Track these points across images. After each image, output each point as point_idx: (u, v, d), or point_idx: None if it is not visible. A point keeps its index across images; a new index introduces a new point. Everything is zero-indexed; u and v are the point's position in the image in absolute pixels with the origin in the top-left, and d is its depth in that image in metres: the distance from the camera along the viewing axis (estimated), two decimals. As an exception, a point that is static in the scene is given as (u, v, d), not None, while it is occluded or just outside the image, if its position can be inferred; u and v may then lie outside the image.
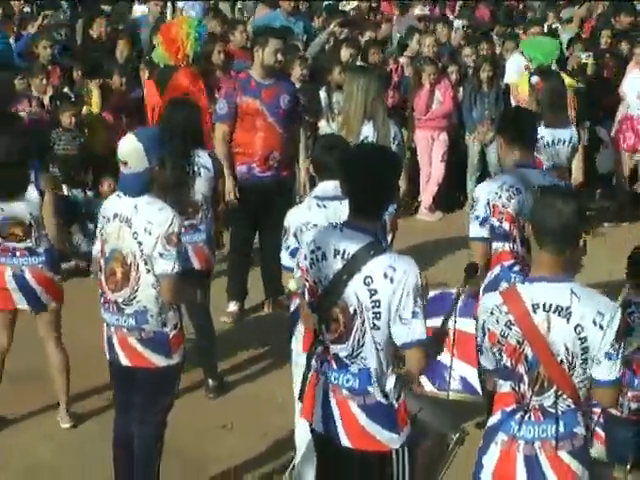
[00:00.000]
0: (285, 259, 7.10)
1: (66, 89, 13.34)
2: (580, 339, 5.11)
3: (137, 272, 6.74)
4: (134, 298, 6.79)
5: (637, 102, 13.98)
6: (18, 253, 8.22)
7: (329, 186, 7.05)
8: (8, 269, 8.22)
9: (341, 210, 6.55)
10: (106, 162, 6.69)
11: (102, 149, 11.48)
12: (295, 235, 6.99)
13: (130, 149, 6.71)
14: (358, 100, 9.67)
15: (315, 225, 6.70)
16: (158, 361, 6.89)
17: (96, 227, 7.46)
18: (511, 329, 5.22)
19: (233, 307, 10.85)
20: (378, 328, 5.46)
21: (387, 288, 5.41)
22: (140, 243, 6.68)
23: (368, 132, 9.43)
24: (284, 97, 10.83)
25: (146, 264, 6.71)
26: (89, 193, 12.00)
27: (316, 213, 6.93)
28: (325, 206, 6.96)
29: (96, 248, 7.09)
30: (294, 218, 7.12)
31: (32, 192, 8.13)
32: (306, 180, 11.02)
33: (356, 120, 9.62)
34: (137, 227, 6.68)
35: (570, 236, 5.18)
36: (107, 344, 7.03)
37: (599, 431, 6.69)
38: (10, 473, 7.97)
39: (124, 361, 6.95)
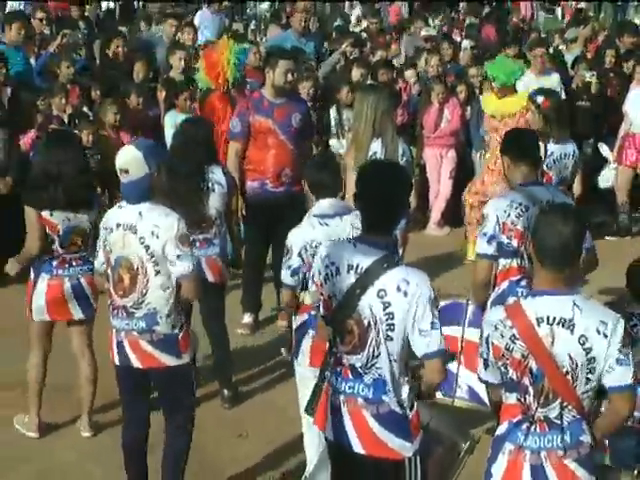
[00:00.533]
0: (286, 278, 7.21)
1: (85, 108, 13.37)
2: (585, 349, 5.15)
3: (145, 276, 6.82)
4: (143, 302, 6.86)
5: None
6: (74, 262, 8.31)
7: (326, 204, 7.19)
8: (66, 280, 8.29)
9: (342, 226, 6.77)
10: (118, 179, 6.81)
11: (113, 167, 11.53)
12: (300, 254, 7.08)
13: (129, 157, 6.81)
14: (367, 117, 9.73)
15: (320, 243, 6.76)
16: (169, 361, 6.98)
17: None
18: (515, 343, 5.25)
19: (248, 319, 10.85)
20: (392, 339, 5.51)
21: (401, 301, 5.46)
22: (147, 247, 6.76)
23: (377, 148, 9.50)
24: (295, 115, 10.85)
25: (155, 265, 6.78)
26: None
27: (319, 231, 7.01)
28: (327, 224, 7.05)
29: (99, 261, 7.14)
30: (297, 238, 7.19)
31: (91, 204, 8.26)
32: None
33: (365, 137, 9.70)
34: (143, 232, 6.76)
35: (569, 256, 5.25)
36: (117, 348, 7.05)
37: (603, 440, 6.71)
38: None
39: (135, 363, 7.00)
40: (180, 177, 8.54)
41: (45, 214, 8.11)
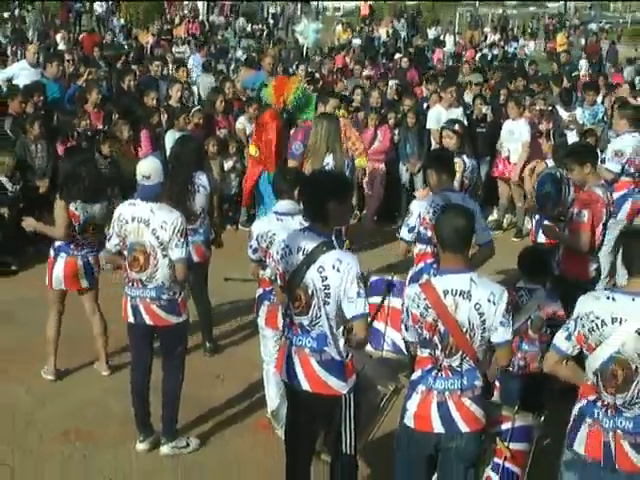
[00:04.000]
0: (250, 255, 7.31)
1: (106, 127, 13.30)
2: (479, 314, 5.24)
3: (155, 258, 6.97)
4: (154, 277, 7.02)
5: (505, 144, 14.00)
6: (85, 245, 8.36)
7: (284, 204, 7.25)
8: (79, 259, 8.36)
9: (292, 223, 6.81)
10: (130, 182, 6.97)
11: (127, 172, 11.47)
12: (257, 239, 7.18)
13: (154, 166, 6.93)
14: (322, 137, 9.73)
15: (274, 234, 6.86)
16: (173, 319, 7.15)
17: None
18: (428, 311, 5.33)
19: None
20: (329, 304, 5.57)
21: (335, 275, 5.53)
22: (158, 237, 6.90)
23: (329, 161, 9.48)
24: None
25: (163, 251, 6.92)
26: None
27: (274, 224, 7.04)
28: (282, 220, 7.08)
29: (112, 243, 7.17)
30: (257, 227, 7.33)
31: (103, 200, 8.32)
32: None
33: (320, 152, 9.72)
34: (155, 226, 6.90)
35: (461, 243, 5.36)
36: (132, 310, 7.16)
37: (496, 383, 6.74)
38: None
39: (149, 321, 7.14)
40: (175, 182, 8.48)
41: (72, 207, 8.16)
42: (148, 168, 6.92)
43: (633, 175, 10.39)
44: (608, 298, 5.01)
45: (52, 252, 8.41)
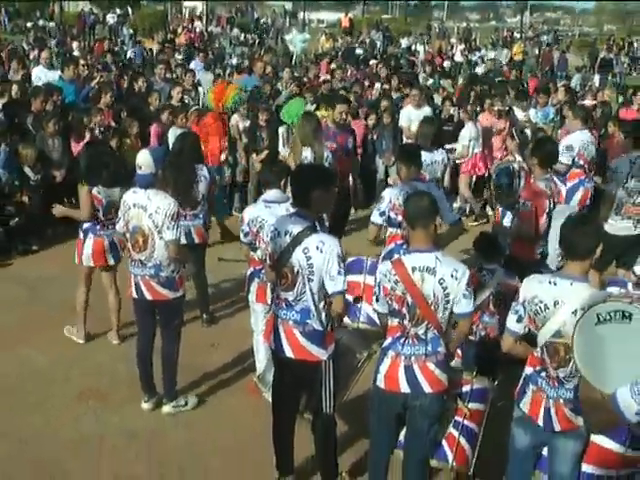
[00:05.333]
0: (242, 238, 7.26)
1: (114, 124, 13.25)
2: (443, 288, 5.27)
3: (153, 240, 6.97)
4: (152, 256, 7.03)
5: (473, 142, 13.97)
6: (110, 226, 8.28)
7: (272, 193, 7.22)
8: (105, 238, 8.36)
9: (279, 210, 6.78)
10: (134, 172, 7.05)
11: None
12: (248, 224, 7.13)
13: (144, 159, 6.97)
14: (300, 134, 9.72)
15: (263, 219, 6.87)
16: (170, 295, 7.16)
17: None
18: (397, 285, 5.35)
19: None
20: (313, 281, 5.59)
21: (318, 256, 5.53)
22: (154, 221, 6.90)
23: (307, 154, 9.47)
24: (350, 140, 11.15)
25: (159, 233, 6.92)
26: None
27: (264, 211, 7.01)
28: (270, 207, 7.05)
29: (120, 225, 7.21)
30: (248, 213, 7.26)
31: (123, 185, 8.25)
32: None
33: (297, 147, 9.72)
34: (151, 211, 6.92)
35: (426, 219, 5.37)
36: (135, 287, 7.19)
37: (458, 351, 6.75)
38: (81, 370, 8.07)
39: (148, 297, 7.14)
40: (181, 172, 8.55)
41: (94, 191, 8.20)
42: (140, 159, 6.98)
43: (583, 167, 10.43)
44: (550, 282, 5.02)
45: (81, 234, 8.39)
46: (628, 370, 3.49)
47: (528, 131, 14.14)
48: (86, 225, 8.35)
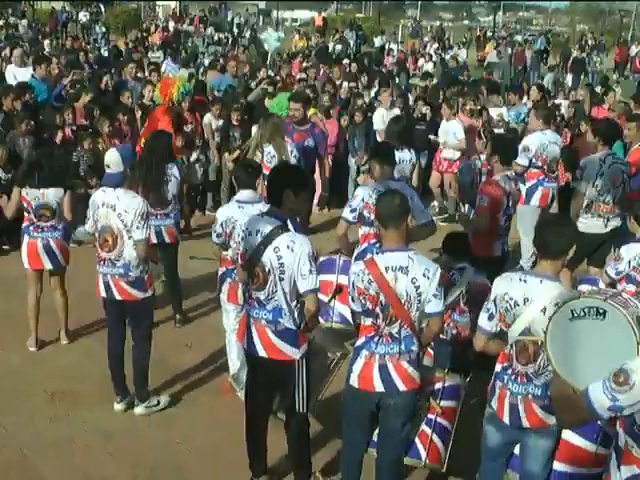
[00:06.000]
0: (214, 238, 7.22)
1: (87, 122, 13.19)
2: (415, 287, 5.26)
3: (122, 239, 6.93)
4: (121, 256, 6.99)
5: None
6: (45, 229, 8.23)
7: (245, 193, 7.21)
8: (39, 241, 8.24)
9: (252, 210, 6.71)
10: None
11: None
12: (222, 225, 7.09)
13: (112, 157, 6.91)
14: (263, 131, 9.87)
15: (236, 220, 6.80)
16: (139, 295, 7.11)
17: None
18: (371, 284, 5.33)
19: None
20: (284, 280, 5.57)
21: (289, 255, 5.52)
22: (123, 221, 6.87)
23: (269, 150, 9.78)
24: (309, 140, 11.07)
25: (128, 232, 6.89)
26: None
27: (236, 211, 6.97)
28: (243, 207, 7.01)
29: (89, 225, 7.14)
30: (221, 213, 7.21)
31: (59, 187, 8.15)
32: None
33: (262, 143, 10.02)
34: (120, 210, 6.88)
35: (398, 218, 5.36)
36: (104, 287, 7.14)
37: (429, 350, 6.78)
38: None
39: (118, 297, 7.10)
40: (151, 172, 8.63)
41: (23, 192, 8.18)
42: (108, 158, 6.94)
43: (541, 167, 10.50)
44: (520, 280, 5.06)
45: (22, 236, 8.40)
46: (601, 366, 3.51)
47: (501, 130, 14.21)
48: (23, 226, 8.33)
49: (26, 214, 8.28)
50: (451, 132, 13.67)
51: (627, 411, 3.46)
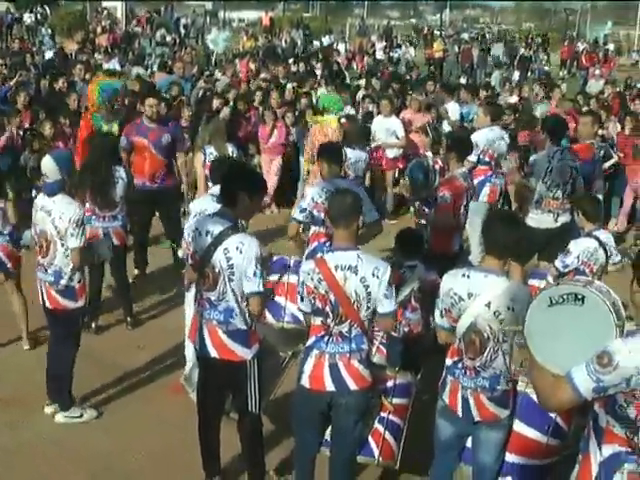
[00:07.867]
0: (185, 236, 7.08)
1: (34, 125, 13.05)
2: (365, 286, 5.24)
3: (55, 246, 6.84)
4: (52, 263, 6.90)
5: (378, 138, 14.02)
6: None
7: (218, 188, 7.10)
8: None
9: None
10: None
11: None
12: (195, 216, 6.89)
13: (48, 167, 6.83)
14: (206, 132, 10.16)
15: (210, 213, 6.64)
16: (69, 304, 6.98)
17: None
18: (321, 283, 5.32)
19: (137, 272, 10.63)
20: (234, 281, 5.57)
21: (238, 256, 5.52)
22: (56, 227, 6.78)
23: (210, 151, 9.73)
24: (166, 136, 10.61)
25: (61, 240, 6.80)
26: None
27: (210, 204, 6.80)
28: (217, 200, 6.91)
29: (33, 229, 7.08)
30: (196, 206, 7.15)
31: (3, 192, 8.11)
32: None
33: (204, 142, 10.13)
34: (54, 216, 6.78)
35: (349, 218, 5.36)
36: (40, 293, 7.07)
37: (382, 347, 6.79)
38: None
39: (48, 305, 7.04)
40: (97, 174, 8.59)
41: None
42: (44, 167, 6.89)
43: (489, 163, 10.59)
44: (464, 276, 5.14)
45: None
46: (580, 350, 3.59)
47: (449, 127, 14.33)
48: None
49: None
50: (391, 130, 13.72)
51: (611, 390, 3.58)
